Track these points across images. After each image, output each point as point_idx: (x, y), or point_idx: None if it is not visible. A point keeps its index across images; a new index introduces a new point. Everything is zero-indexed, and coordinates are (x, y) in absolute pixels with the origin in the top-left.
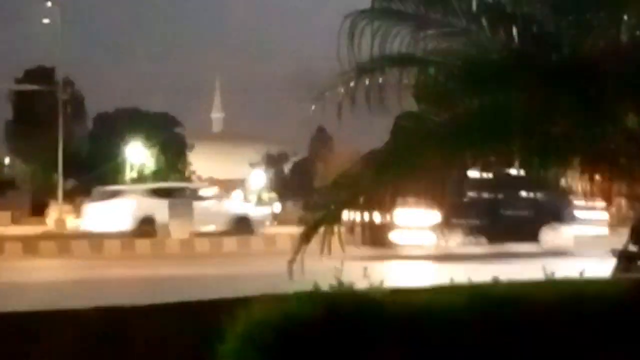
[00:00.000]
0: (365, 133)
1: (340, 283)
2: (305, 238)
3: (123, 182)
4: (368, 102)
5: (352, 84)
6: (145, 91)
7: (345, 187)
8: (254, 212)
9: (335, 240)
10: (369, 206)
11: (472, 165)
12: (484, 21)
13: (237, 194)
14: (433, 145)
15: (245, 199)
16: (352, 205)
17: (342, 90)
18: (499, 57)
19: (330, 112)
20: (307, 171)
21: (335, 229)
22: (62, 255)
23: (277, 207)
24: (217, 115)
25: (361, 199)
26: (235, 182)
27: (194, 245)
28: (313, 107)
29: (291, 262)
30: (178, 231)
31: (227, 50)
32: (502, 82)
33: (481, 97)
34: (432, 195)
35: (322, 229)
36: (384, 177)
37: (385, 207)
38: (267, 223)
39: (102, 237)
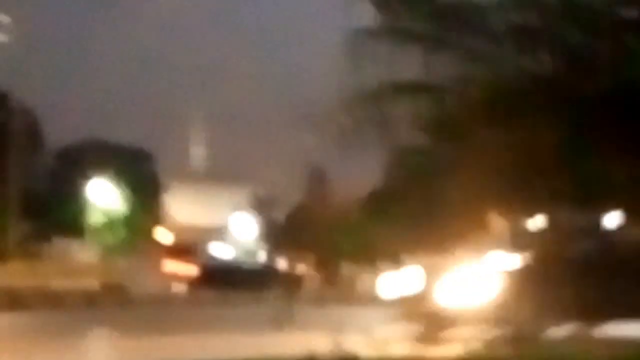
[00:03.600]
0: (366, 169)
1: (342, 351)
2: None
3: (87, 227)
4: (375, 133)
5: (356, 113)
6: (115, 120)
7: (344, 236)
8: None
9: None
10: (370, 256)
11: (493, 209)
12: (508, 44)
13: (215, 245)
14: (444, 184)
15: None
16: (353, 255)
17: (346, 119)
18: (526, 85)
19: (327, 148)
20: (303, 217)
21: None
22: None
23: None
24: (197, 149)
25: (361, 249)
26: (215, 230)
27: None
28: (310, 138)
29: (281, 314)
30: None
31: (209, 75)
32: (529, 113)
33: (504, 131)
34: (448, 243)
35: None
36: (385, 223)
37: (389, 257)
38: None
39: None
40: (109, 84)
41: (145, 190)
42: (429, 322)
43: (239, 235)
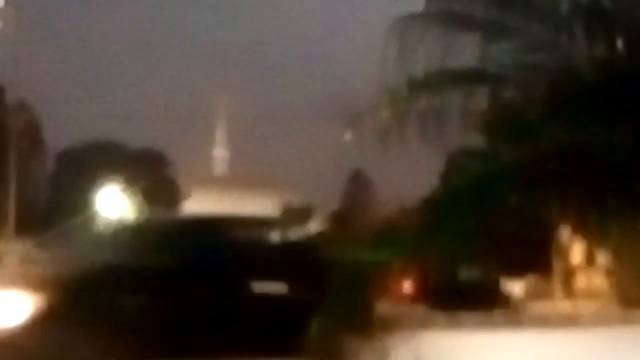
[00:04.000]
0: (417, 172)
1: None
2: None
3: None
4: (423, 130)
5: (403, 106)
6: (126, 120)
7: (387, 245)
8: None
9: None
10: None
11: (560, 220)
12: (577, 29)
13: None
14: (506, 191)
15: None
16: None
17: (391, 113)
18: (598, 78)
19: (369, 150)
20: (342, 228)
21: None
22: None
23: None
24: (220, 152)
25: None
26: None
27: None
28: (349, 135)
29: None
30: None
31: (233, 68)
32: (602, 111)
33: (574, 129)
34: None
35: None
36: (436, 232)
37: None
38: None
39: None
40: (121, 78)
41: (162, 199)
42: None
43: None
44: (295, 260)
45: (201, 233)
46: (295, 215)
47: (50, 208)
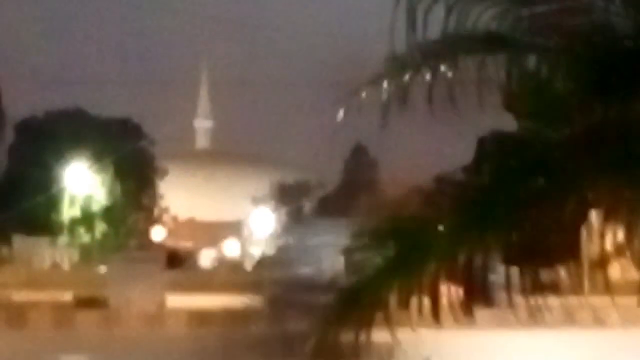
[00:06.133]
0: (425, 154)
1: None
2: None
3: (58, 223)
4: (430, 103)
5: (406, 76)
6: (96, 85)
7: (398, 236)
8: None
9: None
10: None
11: (596, 207)
12: None
13: (230, 244)
14: (542, 177)
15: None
16: (411, 263)
17: (390, 85)
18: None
19: (372, 123)
20: (342, 210)
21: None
22: None
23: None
24: (202, 123)
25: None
26: (228, 226)
27: None
28: (341, 112)
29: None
30: None
31: (218, 29)
32: None
33: (610, 106)
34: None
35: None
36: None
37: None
38: None
39: None
40: (90, 38)
41: (135, 176)
42: None
43: (259, 233)
44: None
45: None
46: (289, 193)
47: (8, 186)
